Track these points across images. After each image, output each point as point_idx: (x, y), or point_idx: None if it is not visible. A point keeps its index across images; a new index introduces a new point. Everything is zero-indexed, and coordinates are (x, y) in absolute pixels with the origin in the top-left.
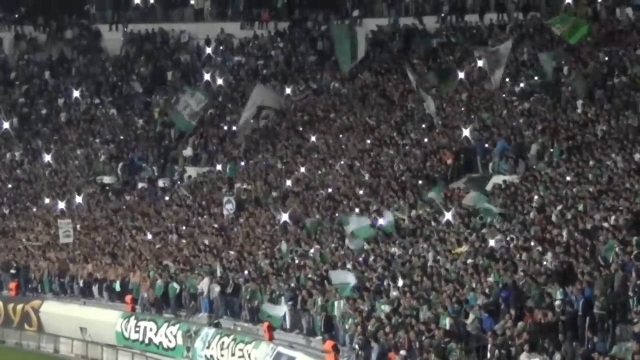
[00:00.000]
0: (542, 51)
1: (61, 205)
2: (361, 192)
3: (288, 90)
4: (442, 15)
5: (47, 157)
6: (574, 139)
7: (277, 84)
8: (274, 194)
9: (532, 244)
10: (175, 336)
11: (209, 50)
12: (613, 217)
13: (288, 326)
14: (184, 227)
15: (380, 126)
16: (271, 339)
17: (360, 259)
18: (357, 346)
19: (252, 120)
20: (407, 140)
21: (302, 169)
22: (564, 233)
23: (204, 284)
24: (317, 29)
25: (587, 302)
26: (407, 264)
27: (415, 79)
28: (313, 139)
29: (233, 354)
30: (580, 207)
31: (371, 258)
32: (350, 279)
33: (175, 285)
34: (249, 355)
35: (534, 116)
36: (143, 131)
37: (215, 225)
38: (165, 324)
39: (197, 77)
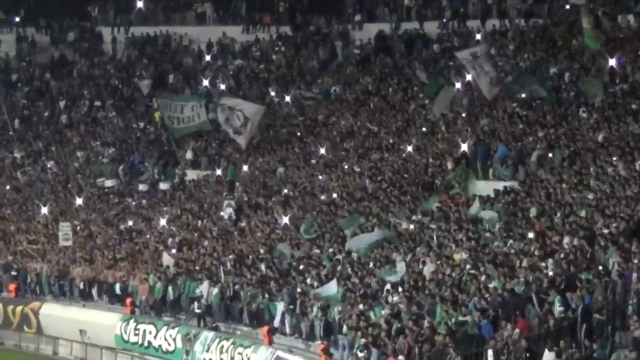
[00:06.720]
0: (545, 60)
1: (62, 207)
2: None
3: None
4: (444, 20)
5: (49, 164)
6: (575, 145)
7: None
8: (274, 198)
9: (533, 250)
10: (174, 339)
11: (210, 54)
12: (614, 225)
13: (287, 330)
14: (184, 231)
15: (380, 131)
16: (270, 343)
17: (361, 263)
18: (358, 352)
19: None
20: (408, 145)
21: (302, 174)
22: (565, 240)
23: (203, 288)
24: (318, 33)
25: (586, 309)
26: (407, 269)
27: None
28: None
29: (232, 358)
30: (581, 214)
31: (371, 264)
32: (333, 289)
33: (173, 288)
34: (248, 359)
35: (535, 122)
36: (143, 134)
37: (215, 229)
38: (165, 327)
39: (198, 81)
